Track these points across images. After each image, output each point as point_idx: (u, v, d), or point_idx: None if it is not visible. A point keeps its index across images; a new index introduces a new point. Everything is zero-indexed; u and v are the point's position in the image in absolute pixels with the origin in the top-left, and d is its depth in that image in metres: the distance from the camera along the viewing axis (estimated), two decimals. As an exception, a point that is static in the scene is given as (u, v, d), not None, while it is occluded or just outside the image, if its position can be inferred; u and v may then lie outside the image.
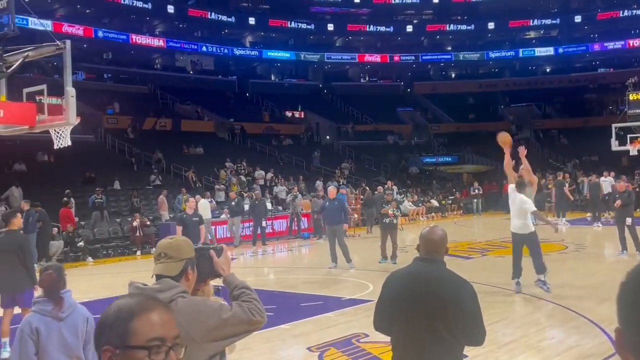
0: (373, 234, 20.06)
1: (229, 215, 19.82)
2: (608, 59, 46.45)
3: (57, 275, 3.99)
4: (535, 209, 10.14)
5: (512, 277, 10.12)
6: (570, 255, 14.76)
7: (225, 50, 43.47)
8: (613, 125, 25.51)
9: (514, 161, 11.11)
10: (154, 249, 15.54)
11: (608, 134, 25.44)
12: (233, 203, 19.63)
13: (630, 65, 43.25)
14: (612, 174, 24.53)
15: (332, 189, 15.07)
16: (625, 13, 44.73)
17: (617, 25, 44.93)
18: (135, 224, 18.38)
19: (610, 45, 45.51)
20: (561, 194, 21.99)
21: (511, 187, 10.35)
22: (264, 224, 19.76)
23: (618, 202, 13.81)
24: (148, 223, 18.76)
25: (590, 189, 22.38)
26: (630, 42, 44.87)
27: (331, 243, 13.84)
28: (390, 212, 14.14)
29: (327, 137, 39.76)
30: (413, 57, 48.08)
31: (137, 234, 18.20)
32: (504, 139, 10.36)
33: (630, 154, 26.20)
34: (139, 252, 18.06)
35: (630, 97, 26.56)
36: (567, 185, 22.74)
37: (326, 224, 13.99)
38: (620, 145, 25.21)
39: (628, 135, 25.10)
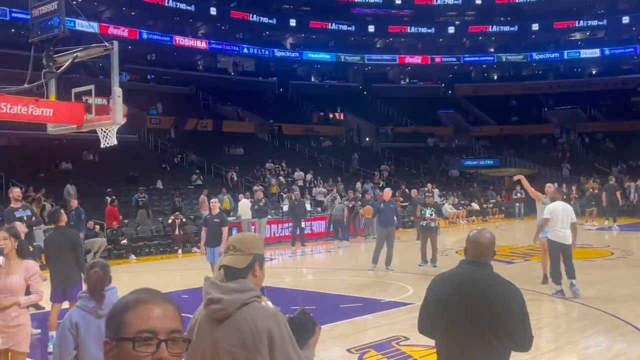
0: (413, 236, 19.90)
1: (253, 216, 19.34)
2: (657, 61, 45.24)
3: (103, 272, 4.05)
4: (546, 217, 10.16)
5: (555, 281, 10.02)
6: (617, 261, 14.40)
7: (266, 52, 43.78)
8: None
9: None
10: (194, 248, 15.67)
11: (657, 138, 24.76)
12: (261, 204, 19.48)
13: (680, 67, 42.09)
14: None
15: (387, 191, 15.01)
16: (676, 13, 43.52)
17: (667, 26, 43.75)
18: (170, 221, 18.66)
19: (660, 46, 44.34)
20: (612, 199, 21.48)
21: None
22: (303, 224, 19.79)
23: None
24: (184, 220, 18.95)
25: (638, 194, 21.79)
26: (681, 43, 43.66)
27: (379, 245, 13.79)
28: (427, 215, 14.09)
29: (367, 138, 39.65)
30: (454, 59, 47.64)
31: (177, 232, 18.44)
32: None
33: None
34: (180, 251, 18.30)
35: (680, 100, 25.81)
36: (619, 190, 22.22)
37: (380, 225, 13.92)
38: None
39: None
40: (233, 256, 2.55)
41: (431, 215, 14.12)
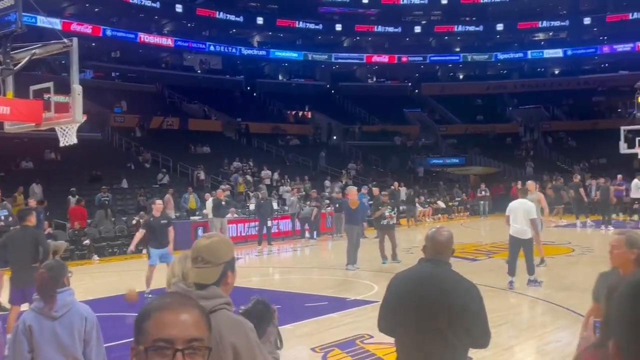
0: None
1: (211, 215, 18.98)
2: (617, 61, 46.12)
3: (49, 274, 3.93)
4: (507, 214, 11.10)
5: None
6: (578, 258, 14.67)
7: (233, 50, 43.52)
8: (622, 128, 25.35)
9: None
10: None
11: (617, 137, 25.28)
12: (223, 202, 19.27)
13: (639, 67, 43.02)
14: (620, 176, 24.40)
15: (352, 190, 15.00)
16: (635, 15, 44.42)
17: (627, 27, 44.61)
18: (134, 222, 18.43)
19: (620, 47, 45.27)
20: (577, 196, 21.94)
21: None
22: (269, 223, 19.72)
23: None
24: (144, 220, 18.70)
25: (600, 192, 22.22)
26: (640, 44, 44.66)
27: (354, 244, 13.78)
28: (386, 213, 14.22)
29: (334, 137, 39.72)
30: (421, 58, 47.97)
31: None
32: None
33: (639, 157, 26.06)
34: (144, 251, 18.05)
35: (639, 100, 26.40)
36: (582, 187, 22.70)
37: (353, 224, 13.86)
38: (628, 148, 25.05)
39: (637, 138, 24.95)
40: (203, 270, 2.41)
41: (390, 213, 14.33)
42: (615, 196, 22.55)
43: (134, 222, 18.74)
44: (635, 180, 22.22)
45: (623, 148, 25.21)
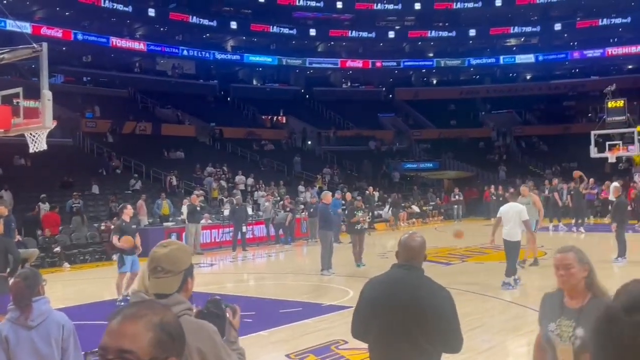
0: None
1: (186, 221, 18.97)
2: (587, 67, 46.99)
3: (24, 283, 3.86)
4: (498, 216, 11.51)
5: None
6: (550, 261, 14.79)
7: (207, 55, 43.30)
8: (592, 133, 25.76)
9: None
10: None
11: (587, 141, 25.68)
12: (198, 208, 19.19)
13: (608, 73, 43.84)
14: (592, 180, 24.76)
15: (327, 195, 15.03)
16: (604, 22, 45.33)
17: (596, 33, 45.50)
18: (103, 227, 18.21)
19: (590, 53, 46.09)
20: (554, 200, 22.27)
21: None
22: (244, 229, 19.62)
23: None
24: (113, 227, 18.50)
25: (572, 196, 22.53)
26: (609, 50, 45.50)
27: (330, 250, 13.77)
28: (361, 218, 14.45)
29: (309, 142, 39.73)
30: (395, 63, 48.25)
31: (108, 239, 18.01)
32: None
33: (609, 161, 26.51)
34: (114, 257, 17.80)
35: (609, 105, 26.84)
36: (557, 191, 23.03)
37: (327, 229, 13.85)
38: (599, 152, 25.46)
39: (607, 143, 25.36)
40: (163, 280, 2.37)
41: (364, 217, 14.52)
42: (587, 200, 22.89)
43: (102, 227, 18.50)
44: (615, 184, 22.59)
45: (593, 152, 25.60)
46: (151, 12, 40.03)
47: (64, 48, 35.22)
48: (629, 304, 1.09)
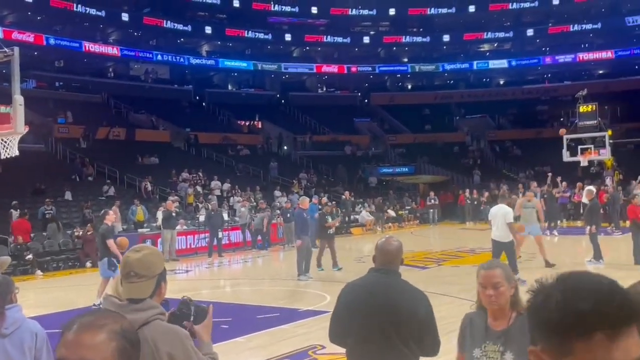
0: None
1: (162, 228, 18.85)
2: (559, 72, 47.69)
3: None
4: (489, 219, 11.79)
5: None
6: (523, 264, 14.95)
7: (181, 59, 43.05)
8: (564, 137, 26.13)
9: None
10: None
11: (560, 145, 26.04)
12: (173, 214, 19.04)
13: (580, 78, 44.53)
14: (565, 183, 25.12)
15: (304, 200, 15.04)
16: (576, 27, 46.10)
17: (568, 39, 46.26)
18: (77, 233, 17.99)
19: (561, 58, 46.80)
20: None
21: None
22: (220, 235, 19.51)
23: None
24: (92, 233, 18.29)
25: (546, 199, 22.79)
26: (580, 55, 46.25)
27: (308, 255, 13.76)
28: (331, 223, 14.67)
29: (285, 147, 39.70)
30: (370, 68, 48.47)
31: (87, 245, 17.77)
32: None
33: (581, 164, 26.91)
34: (88, 264, 17.58)
35: (580, 109, 27.28)
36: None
37: (304, 234, 13.83)
38: (571, 156, 25.83)
39: (579, 147, 25.75)
40: (137, 284, 2.39)
41: (335, 222, 14.71)
42: (560, 203, 23.18)
43: (76, 233, 18.26)
44: (590, 187, 22.90)
45: (566, 156, 25.97)
46: (125, 16, 39.70)
47: (35, 53, 34.77)
48: (563, 275, 1.14)
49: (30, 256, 16.71)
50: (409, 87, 51.34)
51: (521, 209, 13.84)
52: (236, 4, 44.32)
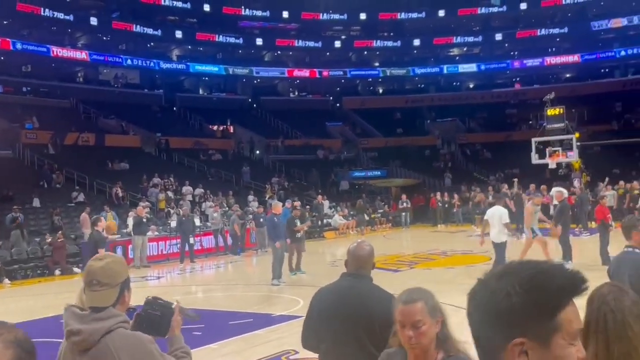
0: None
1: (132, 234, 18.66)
2: (527, 76, 48.40)
3: None
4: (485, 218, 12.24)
5: None
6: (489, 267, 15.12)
7: (151, 64, 42.67)
8: (533, 140, 26.49)
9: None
10: (75, 268, 14.86)
11: (529, 148, 26.39)
12: (144, 220, 18.85)
13: (547, 81, 45.28)
14: (533, 186, 25.41)
15: (277, 205, 15.00)
16: (543, 32, 46.86)
17: (536, 43, 46.99)
18: (48, 240, 17.73)
19: (529, 62, 47.49)
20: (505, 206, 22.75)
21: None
22: (192, 240, 19.35)
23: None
24: (63, 240, 18.02)
25: (515, 201, 23.05)
26: (548, 59, 47.02)
27: (280, 259, 13.72)
28: (299, 227, 14.77)
29: (257, 151, 39.58)
30: (341, 73, 48.60)
31: (57, 253, 17.50)
32: None
33: (549, 167, 27.31)
34: (57, 272, 17.30)
35: (548, 113, 27.70)
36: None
37: (276, 238, 13.77)
38: (540, 158, 26.19)
39: (547, 149, 26.12)
40: (99, 293, 2.38)
41: (303, 226, 14.78)
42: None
43: (48, 240, 17.97)
44: (560, 188, 23.22)
45: (534, 159, 26.33)
46: (93, 21, 39.23)
47: (2, 57, 34.23)
48: (500, 271, 1.20)
49: (-3, 265, 16.39)
50: (381, 91, 51.62)
51: (532, 215, 13.69)
52: (207, 8, 44.10)
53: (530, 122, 39.94)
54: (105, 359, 2.27)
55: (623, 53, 45.12)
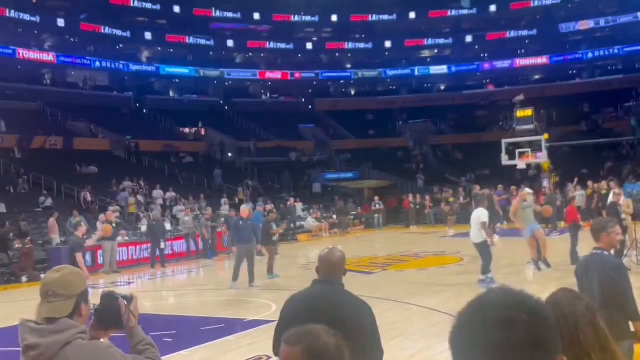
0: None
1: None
2: (497, 77, 48.96)
3: None
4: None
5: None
6: (467, 267, 15.16)
7: (121, 66, 42.16)
8: (503, 141, 26.74)
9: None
10: (42, 274, 14.59)
11: (498, 149, 26.63)
12: (114, 225, 18.54)
13: (517, 83, 45.82)
14: (501, 186, 25.65)
15: (244, 208, 14.85)
16: (512, 34, 47.45)
17: (505, 45, 47.54)
18: (17, 246, 17.37)
19: (499, 64, 48.03)
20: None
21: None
22: (162, 245, 19.09)
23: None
24: (31, 246, 17.65)
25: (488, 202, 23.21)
26: (517, 61, 47.60)
27: (239, 262, 13.57)
28: (275, 230, 14.91)
29: (229, 154, 39.32)
30: (313, 74, 48.61)
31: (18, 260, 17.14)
32: None
33: (519, 167, 27.61)
34: (24, 279, 16.91)
35: (518, 114, 28.00)
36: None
37: (239, 242, 13.63)
38: (510, 159, 26.45)
39: (517, 150, 26.41)
40: (54, 304, 2.32)
41: (279, 230, 14.79)
42: (500, 205, 23.67)
43: (16, 246, 17.56)
44: (527, 189, 23.46)
45: (505, 160, 26.58)
46: (61, 22, 38.64)
47: (-35, 60, 33.44)
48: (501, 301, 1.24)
49: (-39, 272, 15.96)
50: (353, 92, 51.74)
51: (519, 211, 13.56)
52: (177, 9, 43.76)
53: (501, 123, 40.29)
54: None
55: (590, 55, 45.88)
